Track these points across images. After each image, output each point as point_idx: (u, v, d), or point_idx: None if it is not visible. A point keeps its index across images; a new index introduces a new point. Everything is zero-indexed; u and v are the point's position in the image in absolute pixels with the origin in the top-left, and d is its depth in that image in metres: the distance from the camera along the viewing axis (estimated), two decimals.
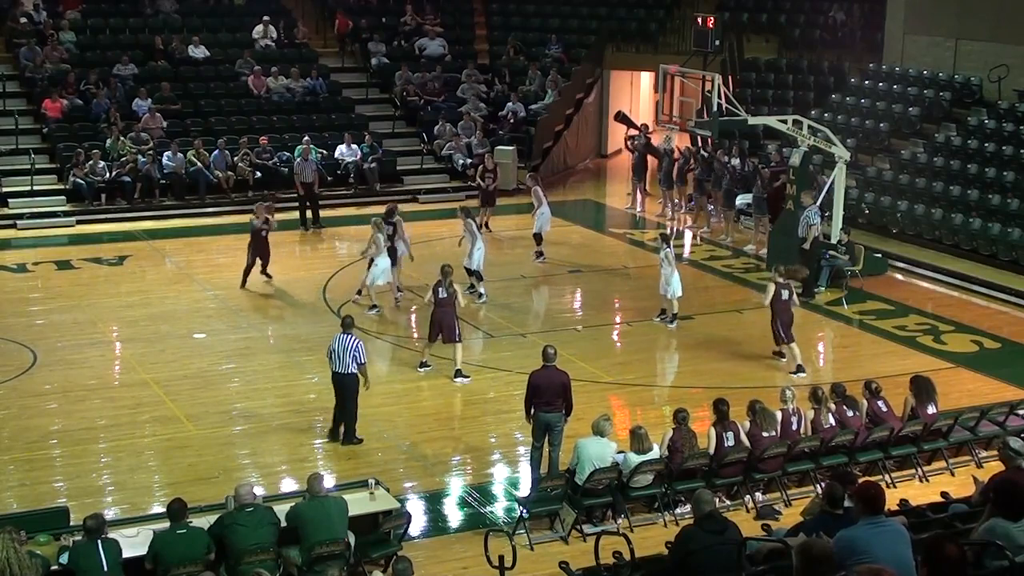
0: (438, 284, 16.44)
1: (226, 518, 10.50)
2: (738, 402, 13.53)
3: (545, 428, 13.15)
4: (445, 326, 16.35)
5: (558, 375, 13.34)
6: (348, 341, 14.22)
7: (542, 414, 13.15)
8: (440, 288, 16.39)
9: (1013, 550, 7.61)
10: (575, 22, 33.20)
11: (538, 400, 13.19)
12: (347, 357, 14.14)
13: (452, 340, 16.41)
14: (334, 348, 14.25)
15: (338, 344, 14.22)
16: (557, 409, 13.16)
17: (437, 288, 16.42)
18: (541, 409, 13.16)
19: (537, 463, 13.24)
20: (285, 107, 28.71)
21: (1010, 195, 22.80)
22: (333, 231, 24.75)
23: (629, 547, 9.72)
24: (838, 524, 8.10)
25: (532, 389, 13.27)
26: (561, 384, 13.25)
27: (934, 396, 14.03)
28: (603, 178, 31.70)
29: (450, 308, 16.36)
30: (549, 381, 13.24)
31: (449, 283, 16.43)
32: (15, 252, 22.76)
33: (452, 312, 16.37)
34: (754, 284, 21.48)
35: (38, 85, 27.14)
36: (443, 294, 16.37)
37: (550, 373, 13.33)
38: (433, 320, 16.46)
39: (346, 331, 14.40)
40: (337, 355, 14.19)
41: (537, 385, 13.25)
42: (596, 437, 12.41)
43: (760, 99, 28.79)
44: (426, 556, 11.66)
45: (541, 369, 13.41)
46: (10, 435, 14.56)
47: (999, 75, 25.47)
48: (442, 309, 16.36)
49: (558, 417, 13.15)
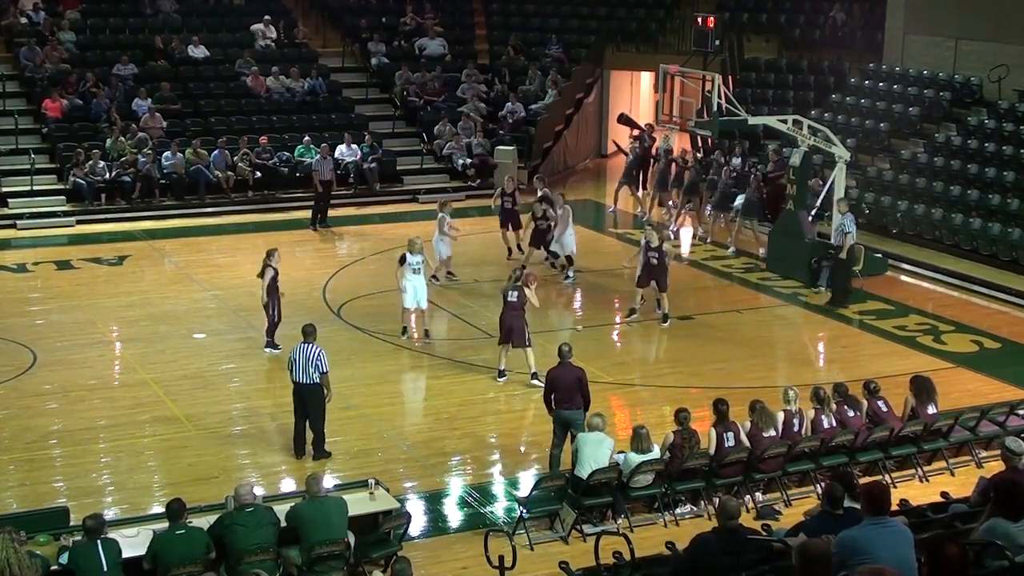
0: (508, 288, 16.27)
1: (226, 518, 10.50)
2: (738, 402, 13.54)
3: (565, 426, 13.26)
4: (515, 330, 16.08)
5: (573, 371, 13.52)
6: (310, 350, 13.69)
7: (562, 411, 13.29)
8: (510, 292, 16.18)
9: (1013, 550, 7.62)
10: (575, 22, 33.20)
11: (557, 397, 13.36)
12: (309, 367, 13.62)
13: (522, 345, 16.14)
14: (295, 358, 13.72)
15: (299, 354, 13.70)
16: (576, 406, 13.29)
17: (507, 292, 16.22)
18: (561, 407, 13.32)
19: (557, 462, 13.28)
20: (285, 107, 28.70)
21: (1010, 195, 22.79)
22: (334, 231, 24.72)
23: (629, 547, 9.73)
24: (838, 524, 8.10)
25: (550, 386, 13.49)
26: (576, 379, 13.40)
27: (934, 396, 14.02)
28: (603, 178, 31.68)
29: (519, 312, 16.15)
30: (565, 377, 13.42)
31: (518, 287, 16.19)
32: (15, 252, 22.75)
33: (521, 316, 16.13)
34: (754, 284, 21.49)
35: (38, 85, 27.13)
36: (512, 297, 16.17)
37: (566, 369, 13.52)
38: (502, 323, 16.27)
39: (307, 340, 13.81)
40: (299, 365, 13.66)
41: (555, 381, 13.45)
42: (595, 433, 12.43)
43: (760, 99, 28.78)
44: (426, 556, 11.66)
45: (558, 366, 13.59)
46: (10, 435, 14.55)
47: (999, 75, 25.46)
48: (512, 312, 16.15)
49: (578, 414, 13.26)
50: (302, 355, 13.74)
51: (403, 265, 17.65)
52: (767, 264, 22.34)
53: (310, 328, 14.08)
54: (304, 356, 13.72)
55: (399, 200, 27.30)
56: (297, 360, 13.73)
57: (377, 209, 26.58)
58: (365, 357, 17.44)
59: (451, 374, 16.82)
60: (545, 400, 13.59)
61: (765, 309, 20.13)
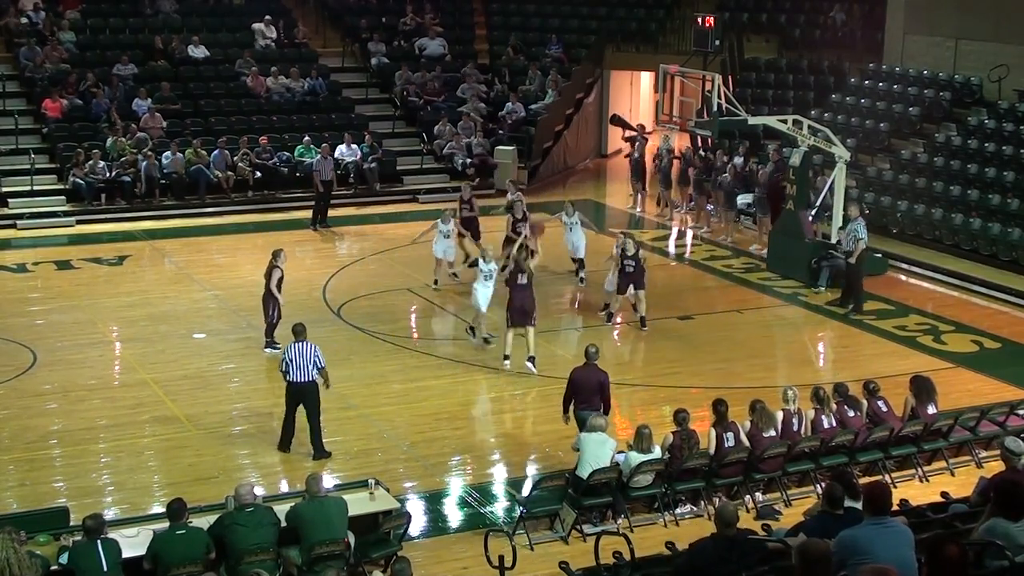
0: (517, 271, 16.62)
1: (226, 518, 10.50)
2: (738, 402, 13.54)
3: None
4: (528, 311, 16.48)
5: (596, 373, 13.57)
6: (305, 348, 13.67)
7: (581, 412, 13.36)
8: (520, 276, 16.55)
9: (1013, 550, 7.62)
10: (575, 22, 33.20)
11: (578, 398, 13.44)
12: (307, 365, 13.59)
13: (531, 323, 16.54)
14: (290, 358, 13.62)
15: (295, 353, 13.64)
16: (595, 407, 13.34)
17: (516, 276, 16.58)
18: (580, 407, 13.40)
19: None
20: (285, 107, 28.71)
21: (1010, 195, 22.79)
22: (334, 231, 24.71)
23: (629, 547, 9.73)
24: (838, 524, 8.09)
25: (572, 386, 13.53)
26: (599, 383, 13.47)
27: (934, 396, 14.02)
28: (603, 178, 31.71)
29: (528, 292, 16.55)
30: (587, 379, 13.49)
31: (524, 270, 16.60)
32: (15, 252, 22.75)
33: (531, 296, 16.58)
34: (754, 284, 21.49)
35: (38, 85, 27.13)
36: (522, 280, 16.54)
37: (589, 371, 13.58)
38: (512, 306, 16.56)
39: (299, 339, 13.75)
40: (295, 365, 13.59)
41: (577, 382, 13.50)
42: (597, 434, 12.44)
43: (760, 99, 28.78)
44: (426, 556, 11.66)
45: (582, 367, 13.66)
46: (10, 435, 14.55)
47: (999, 75, 25.46)
48: (521, 294, 16.50)
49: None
50: (298, 354, 13.68)
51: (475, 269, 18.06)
52: (767, 264, 22.34)
53: (300, 327, 14.02)
54: (301, 355, 13.67)
55: (399, 200, 27.30)
56: (294, 359, 13.66)
57: (377, 209, 26.59)
58: (365, 357, 17.45)
59: (451, 374, 16.82)
60: (565, 399, 13.65)
61: (765, 309, 20.12)
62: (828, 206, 21.90)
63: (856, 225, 19.83)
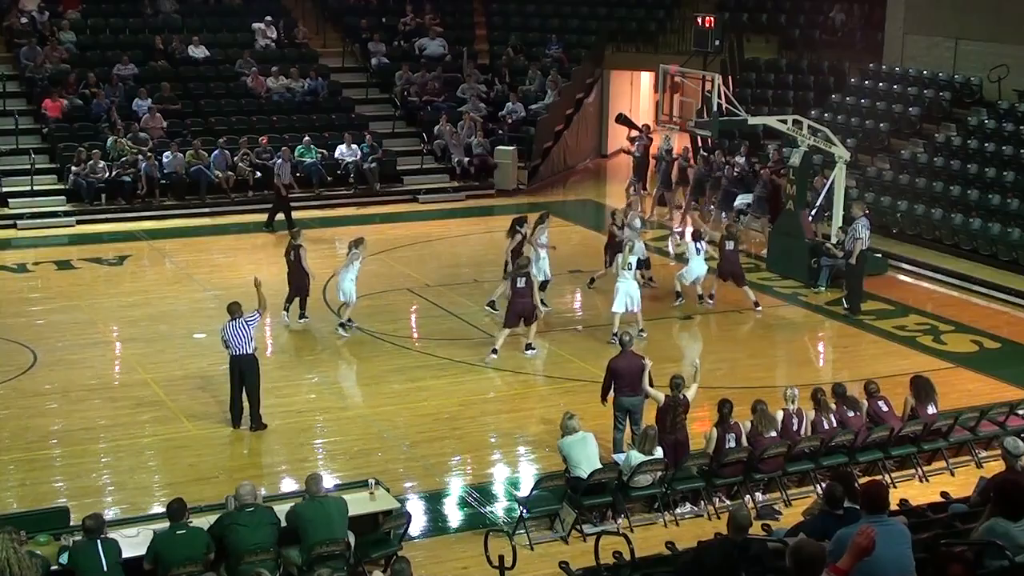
0: (516, 275, 17.16)
1: (226, 518, 10.50)
2: (739, 402, 13.52)
3: (627, 411, 13.69)
4: (527, 312, 17.14)
5: (636, 360, 13.82)
6: (238, 326, 14.42)
7: (624, 398, 13.67)
8: (518, 279, 17.09)
9: (1013, 550, 7.61)
10: (575, 22, 33.19)
11: (619, 384, 13.70)
12: (244, 337, 14.41)
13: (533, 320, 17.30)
14: (228, 336, 14.45)
15: (231, 332, 14.43)
16: (637, 392, 13.64)
17: (515, 279, 17.10)
18: (623, 394, 13.67)
19: (620, 445, 13.61)
20: (285, 107, 28.71)
21: (1010, 195, 22.79)
22: (334, 231, 24.68)
23: (629, 547, 9.73)
24: (838, 524, 8.10)
25: (612, 374, 13.79)
26: (641, 367, 13.73)
27: (934, 396, 14.03)
28: (603, 178, 31.70)
29: (527, 295, 17.11)
30: (629, 366, 13.74)
31: (524, 273, 17.17)
32: (15, 252, 22.75)
33: (530, 299, 17.20)
34: (754, 284, 21.45)
35: (38, 85, 27.13)
36: (520, 284, 17.07)
37: (629, 359, 13.82)
38: (511, 309, 17.17)
39: (234, 317, 14.49)
40: (235, 341, 14.40)
41: (617, 370, 13.75)
42: (575, 434, 12.44)
43: (760, 99, 28.78)
44: (426, 556, 11.67)
45: (620, 355, 13.93)
46: (10, 435, 14.55)
47: (999, 75, 25.46)
48: (521, 299, 17.06)
49: (640, 400, 13.69)
50: (234, 333, 14.42)
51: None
52: (767, 264, 22.34)
53: (235, 306, 14.71)
54: (235, 332, 14.42)
55: (399, 200, 27.30)
56: (231, 338, 14.42)
57: (377, 209, 26.58)
58: (365, 357, 17.46)
59: (451, 374, 16.82)
60: (604, 387, 13.90)
61: (765, 309, 20.10)
62: (828, 206, 21.89)
63: (857, 225, 19.83)
